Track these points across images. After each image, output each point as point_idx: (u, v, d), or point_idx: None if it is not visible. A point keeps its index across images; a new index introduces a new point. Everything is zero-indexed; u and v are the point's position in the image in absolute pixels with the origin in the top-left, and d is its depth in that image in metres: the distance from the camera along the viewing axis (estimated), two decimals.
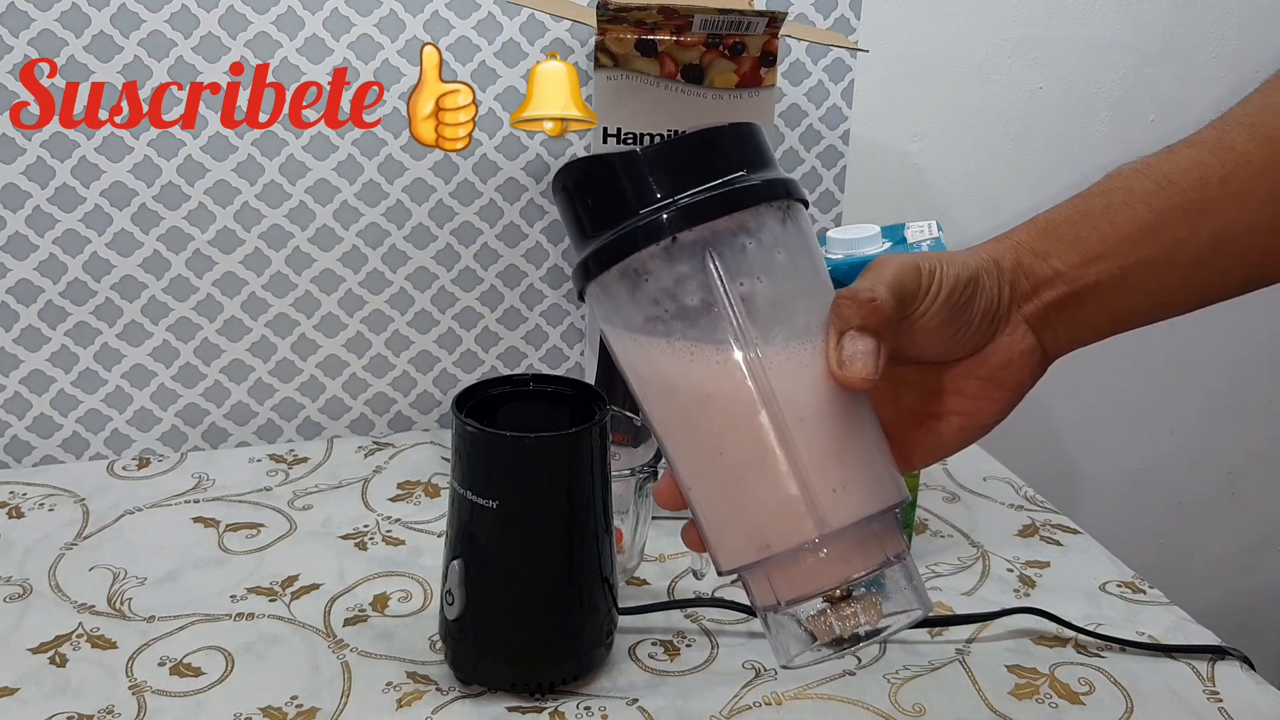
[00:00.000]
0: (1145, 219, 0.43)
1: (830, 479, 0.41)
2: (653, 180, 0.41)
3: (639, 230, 0.41)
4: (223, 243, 0.85)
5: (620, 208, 0.42)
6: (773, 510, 0.42)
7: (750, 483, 0.42)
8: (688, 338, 0.42)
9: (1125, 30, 1.04)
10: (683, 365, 0.42)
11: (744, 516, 0.42)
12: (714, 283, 0.41)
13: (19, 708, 0.59)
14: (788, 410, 0.41)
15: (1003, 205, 1.07)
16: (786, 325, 0.42)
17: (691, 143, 0.42)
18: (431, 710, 0.60)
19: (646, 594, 0.72)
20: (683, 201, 0.41)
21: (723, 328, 0.41)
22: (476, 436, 0.57)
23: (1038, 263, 0.44)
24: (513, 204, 0.90)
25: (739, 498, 0.42)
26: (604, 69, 0.74)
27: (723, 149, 0.42)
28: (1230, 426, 1.24)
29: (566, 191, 0.44)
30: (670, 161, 0.42)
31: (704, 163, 0.42)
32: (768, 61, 0.74)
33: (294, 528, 0.78)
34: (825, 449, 0.41)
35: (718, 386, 0.42)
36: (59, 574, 0.72)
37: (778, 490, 0.41)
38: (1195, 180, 0.43)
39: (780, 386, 0.41)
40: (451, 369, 0.94)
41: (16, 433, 0.86)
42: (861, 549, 0.42)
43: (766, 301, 0.42)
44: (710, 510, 0.44)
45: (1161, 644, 0.67)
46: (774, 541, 0.42)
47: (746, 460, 0.42)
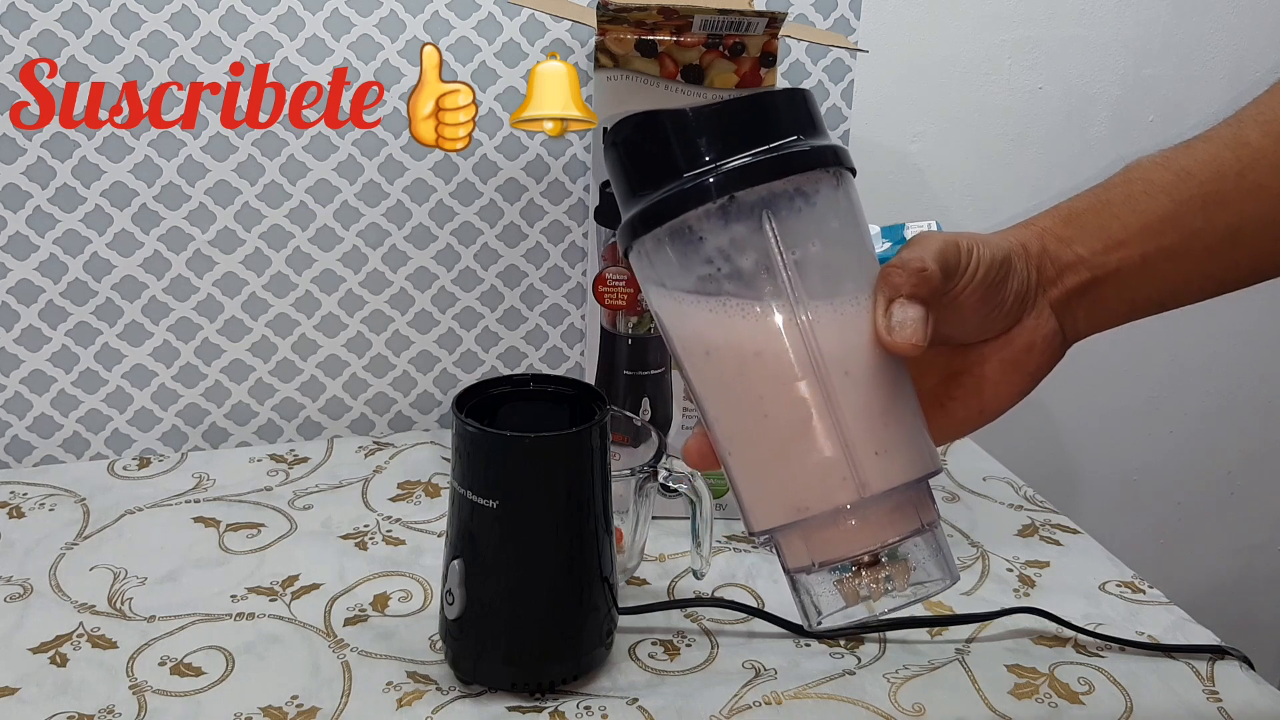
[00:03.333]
0: (1165, 208, 0.45)
1: (873, 442, 0.41)
2: (708, 140, 0.41)
3: (695, 188, 0.41)
4: (223, 243, 0.85)
5: (674, 166, 0.41)
6: (814, 472, 0.42)
7: (793, 444, 0.42)
8: (739, 297, 0.42)
9: (1125, 31, 1.04)
10: (732, 325, 0.42)
11: (784, 477, 0.42)
12: (769, 244, 0.41)
13: (19, 707, 0.60)
14: (834, 372, 0.41)
15: (1002, 205, 1.07)
16: (836, 289, 0.42)
17: (747, 105, 0.42)
18: (431, 710, 0.60)
19: (646, 594, 0.72)
20: (740, 161, 0.41)
21: (775, 288, 0.41)
22: (477, 436, 0.57)
23: (1062, 248, 0.46)
24: (513, 204, 0.90)
25: (780, 459, 0.42)
26: (604, 69, 0.74)
27: (777, 113, 0.42)
28: (1229, 426, 1.24)
29: (618, 147, 0.43)
30: (725, 122, 0.42)
31: (760, 125, 0.42)
32: (768, 62, 0.74)
33: (294, 527, 0.78)
34: (869, 412, 0.42)
35: (767, 346, 0.42)
36: (59, 574, 0.72)
37: (820, 452, 0.41)
38: (1213, 173, 0.45)
39: (828, 349, 0.41)
40: (452, 369, 0.94)
41: (17, 433, 0.86)
42: (897, 515, 0.42)
43: (818, 264, 0.42)
44: (749, 471, 0.43)
45: (1161, 644, 0.67)
46: (812, 503, 0.41)
47: (791, 421, 0.42)
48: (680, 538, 0.77)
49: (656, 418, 0.79)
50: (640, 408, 0.79)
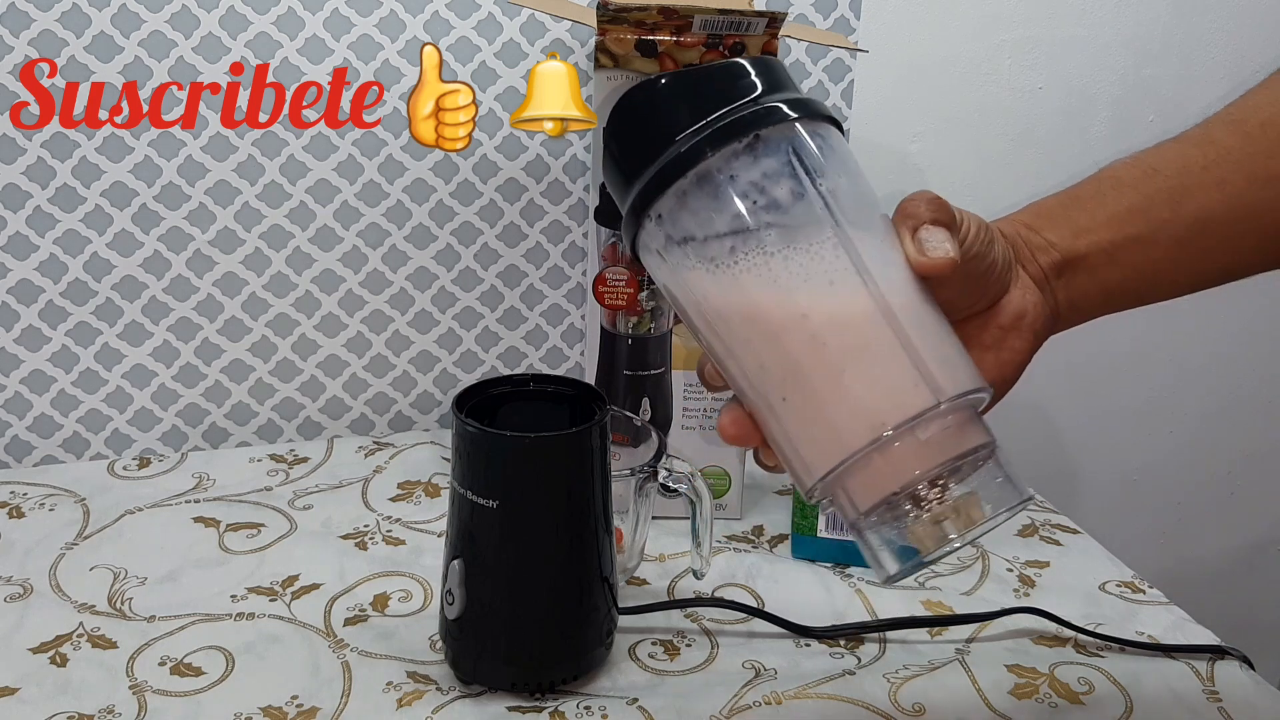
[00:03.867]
0: (1132, 201, 0.47)
1: (936, 352, 0.42)
2: (721, 91, 0.43)
3: (723, 128, 0.42)
4: (223, 243, 0.85)
5: (689, 116, 0.42)
6: (886, 386, 0.41)
7: (858, 365, 0.41)
8: (782, 233, 0.42)
9: (1125, 30, 1.04)
10: (774, 261, 0.42)
11: (854, 401, 0.41)
12: (800, 175, 0.42)
13: (19, 707, 0.60)
14: (889, 292, 0.42)
15: (1002, 205, 1.06)
16: (867, 220, 0.44)
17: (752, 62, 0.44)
18: (431, 710, 0.60)
19: (646, 594, 0.72)
20: (763, 102, 0.42)
21: (816, 217, 0.42)
22: (477, 436, 0.57)
23: (1033, 235, 0.48)
24: (513, 204, 0.90)
25: (845, 385, 0.41)
26: (604, 69, 0.74)
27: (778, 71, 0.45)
28: (1230, 426, 1.24)
29: (628, 111, 0.44)
30: (733, 75, 0.44)
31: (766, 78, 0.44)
32: None
33: (294, 527, 0.78)
34: (926, 330, 0.42)
35: (817, 270, 0.42)
36: (59, 574, 0.72)
37: (889, 364, 0.41)
38: (1179, 169, 0.47)
39: (877, 271, 0.42)
40: (452, 369, 0.94)
41: (17, 433, 0.86)
42: (968, 427, 0.42)
43: (848, 196, 0.44)
44: (809, 412, 0.42)
45: (1161, 644, 0.67)
46: (890, 417, 0.40)
47: (852, 343, 0.41)
48: (680, 538, 0.77)
49: (656, 418, 0.79)
50: (640, 408, 0.79)
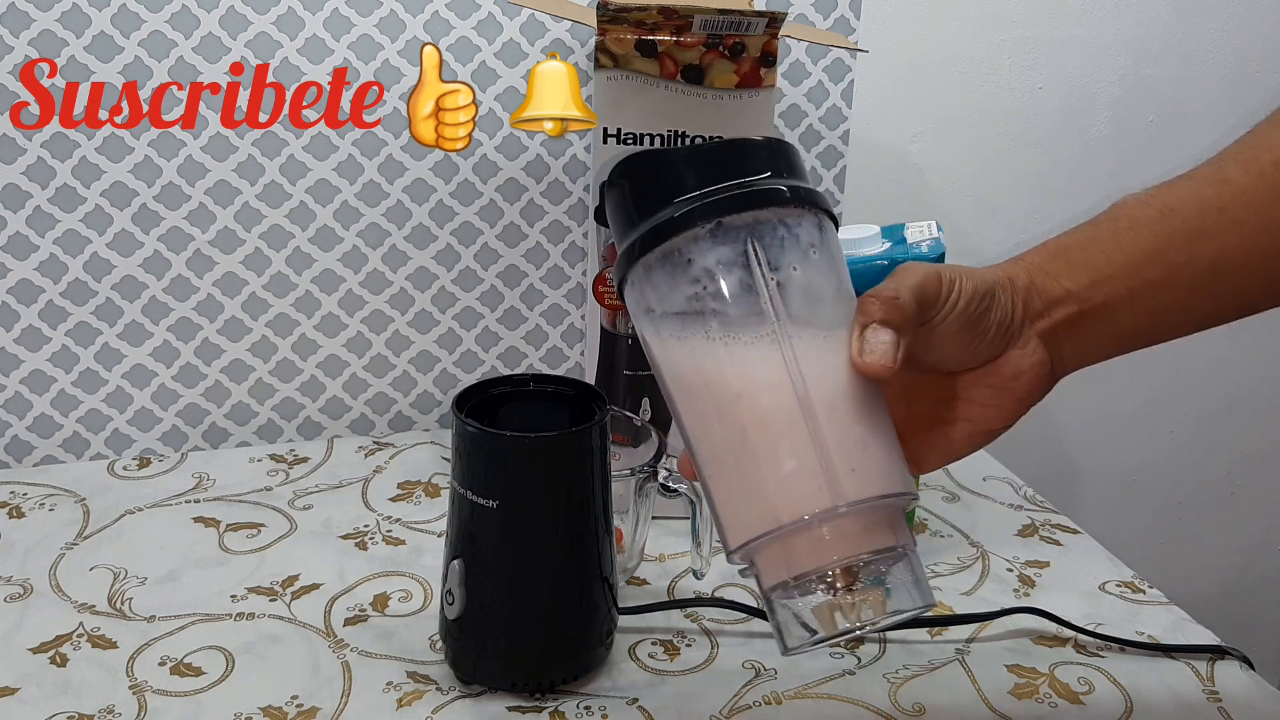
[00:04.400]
0: (1149, 243, 0.47)
1: (848, 460, 0.43)
2: (697, 173, 0.44)
3: (685, 214, 0.44)
4: (223, 243, 0.85)
5: (667, 194, 0.44)
6: (790, 482, 0.43)
7: (770, 457, 0.43)
8: (724, 321, 0.44)
9: (1125, 30, 1.04)
10: (715, 344, 0.44)
11: (761, 489, 0.44)
12: (753, 265, 0.44)
13: (19, 707, 0.60)
14: (814, 392, 0.43)
15: (1002, 205, 1.07)
16: (817, 316, 0.44)
17: (736, 145, 0.46)
18: (431, 710, 0.60)
19: (646, 594, 0.72)
20: (729, 191, 0.44)
21: (759, 310, 0.44)
22: (477, 436, 0.57)
23: (1050, 283, 0.47)
24: (513, 204, 0.90)
25: (757, 472, 0.44)
26: (604, 69, 0.74)
27: (762, 155, 0.46)
28: (1229, 426, 1.24)
29: (614, 185, 0.46)
30: (715, 158, 0.45)
31: (748, 161, 0.45)
32: (768, 62, 0.74)
33: (294, 527, 0.78)
34: (846, 432, 0.43)
35: (749, 361, 0.44)
36: (59, 574, 0.72)
37: (797, 462, 0.43)
38: (1195, 209, 0.47)
39: (809, 370, 0.43)
40: (452, 369, 0.94)
41: (17, 433, 0.86)
42: (872, 530, 0.43)
43: (799, 291, 0.44)
44: (727, 488, 0.45)
45: (1161, 644, 0.67)
46: (787, 513, 0.43)
47: (770, 436, 0.43)
48: (680, 538, 0.77)
49: (656, 417, 0.79)
50: (640, 408, 0.79)
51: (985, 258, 1.07)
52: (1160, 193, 0.48)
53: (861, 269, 0.67)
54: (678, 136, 0.75)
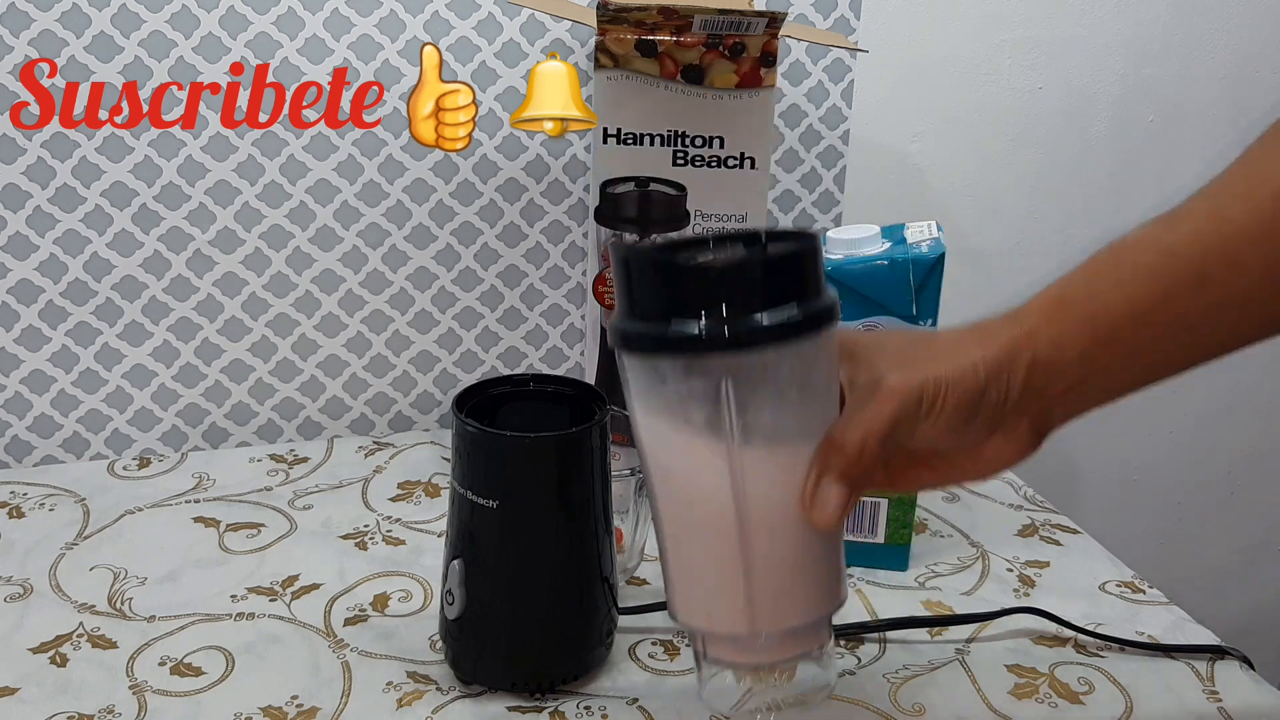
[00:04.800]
0: (1153, 292, 0.45)
1: (775, 591, 0.46)
2: (692, 294, 0.43)
3: (668, 339, 0.43)
4: (223, 243, 0.85)
5: (656, 308, 0.44)
6: (718, 599, 0.47)
7: (704, 570, 0.47)
8: (685, 433, 0.45)
9: (1125, 30, 1.04)
10: (673, 452, 0.46)
11: (695, 592, 0.48)
12: (723, 406, 0.44)
13: (19, 707, 0.60)
14: (761, 519, 0.45)
15: (1002, 205, 1.07)
16: (777, 448, 0.45)
17: (745, 264, 0.44)
18: (431, 710, 0.60)
19: (646, 594, 0.72)
20: (712, 326, 0.42)
21: (718, 439, 0.44)
22: (477, 436, 0.57)
23: (1055, 353, 0.46)
24: (513, 204, 0.90)
25: (693, 577, 0.48)
26: (604, 69, 0.74)
27: (769, 276, 0.43)
28: (1229, 426, 1.24)
29: (622, 266, 0.45)
30: (713, 279, 0.43)
31: (749, 286, 0.43)
32: (768, 62, 0.74)
33: (294, 527, 0.78)
34: (777, 561, 0.46)
35: (699, 483, 0.45)
36: (59, 574, 0.72)
37: (724, 584, 0.46)
38: (1198, 251, 0.45)
39: (754, 500, 0.45)
40: (452, 369, 0.94)
41: (17, 433, 0.86)
42: (789, 642, 0.47)
43: (766, 428, 0.44)
44: (671, 572, 0.48)
45: (1161, 644, 0.67)
46: (713, 624, 0.47)
47: (706, 550, 0.46)
48: None
49: None
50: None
51: (985, 258, 1.07)
52: (1159, 234, 0.46)
53: (861, 269, 0.67)
54: (677, 136, 0.75)
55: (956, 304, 0.69)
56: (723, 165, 0.76)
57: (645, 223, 0.76)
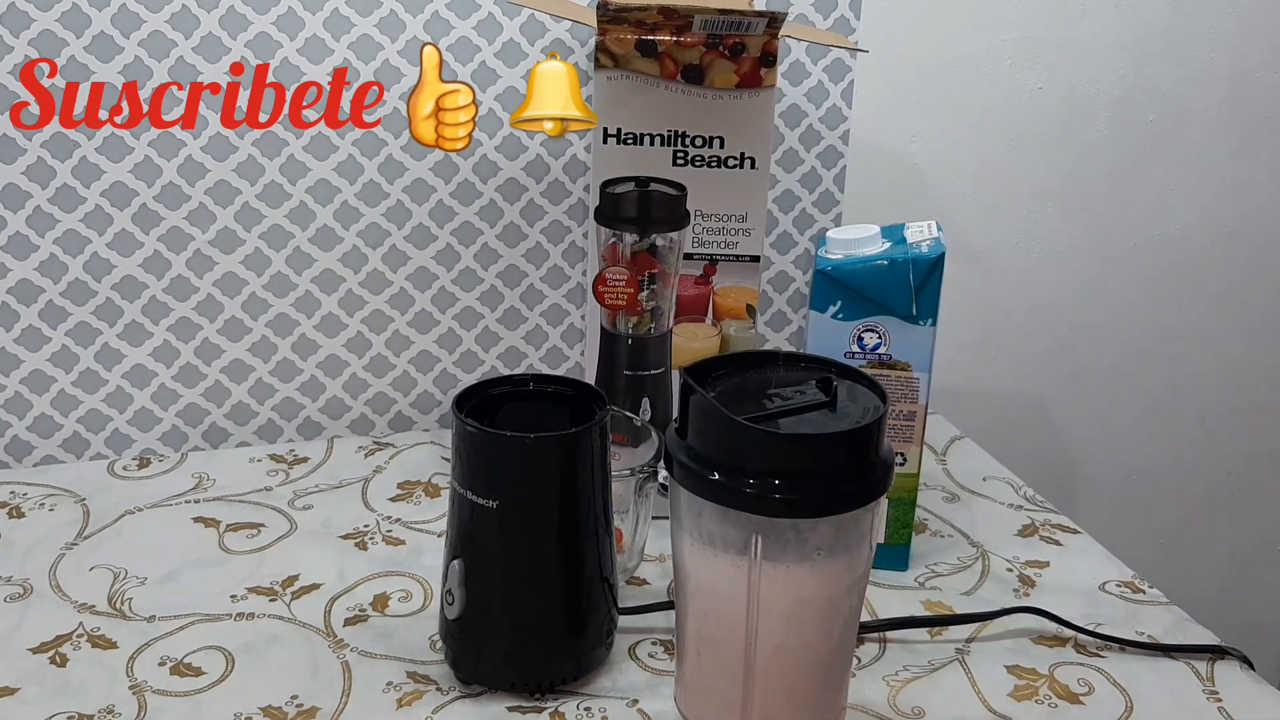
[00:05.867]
0: None
1: (770, 706, 0.52)
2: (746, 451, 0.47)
3: (710, 485, 0.48)
4: (223, 243, 0.85)
5: (703, 453, 0.49)
6: (714, 704, 0.54)
7: (709, 678, 0.54)
8: (711, 557, 0.50)
9: (1125, 31, 1.04)
10: (700, 569, 0.51)
11: (699, 695, 0.55)
12: (750, 559, 0.48)
13: (19, 707, 0.60)
14: (763, 637, 0.50)
15: (1002, 205, 1.07)
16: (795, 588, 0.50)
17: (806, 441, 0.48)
18: (431, 710, 0.60)
19: (646, 594, 0.72)
20: (755, 487, 0.47)
21: (742, 568, 0.49)
22: (477, 436, 0.57)
23: None
24: (513, 204, 0.90)
25: (702, 681, 0.55)
26: (604, 69, 0.74)
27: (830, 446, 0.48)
28: (1230, 426, 1.24)
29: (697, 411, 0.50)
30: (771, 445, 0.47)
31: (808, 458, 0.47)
32: (768, 62, 0.74)
33: (294, 528, 0.78)
34: (781, 685, 0.52)
35: (720, 601, 0.51)
36: (59, 574, 0.72)
37: (726, 690, 0.52)
38: None
39: (766, 612, 0.50)
40: (452, 369, 0.94)
41: (17, 433, 0.86)
42: None
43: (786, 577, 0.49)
44: (686, 666, 0.56)
45: (1161, 644, 0.67)
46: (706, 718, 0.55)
47: (714, 661, 0.53)
48: None
49: (656, 418, 0.79)
50: (640, 408, 0.79)
51: (985, 258, 1.07)
52: None
53: (861, 269, 0.67)
54: (678, 136, 0.75)
55: (956, 304, 0.69)
56: (723, 165, 0.76)
57: (645, 223, 0.76)
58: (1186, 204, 1.12)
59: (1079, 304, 1.13)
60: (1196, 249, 1.14)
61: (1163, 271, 1.14)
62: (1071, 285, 1.12)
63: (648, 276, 0.76)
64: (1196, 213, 1.12)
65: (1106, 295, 1.13)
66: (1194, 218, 1.13)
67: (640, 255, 0.76)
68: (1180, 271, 1.15)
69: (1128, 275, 1.13)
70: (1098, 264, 1.12)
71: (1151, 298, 1.15)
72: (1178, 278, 1.15)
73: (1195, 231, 1.13)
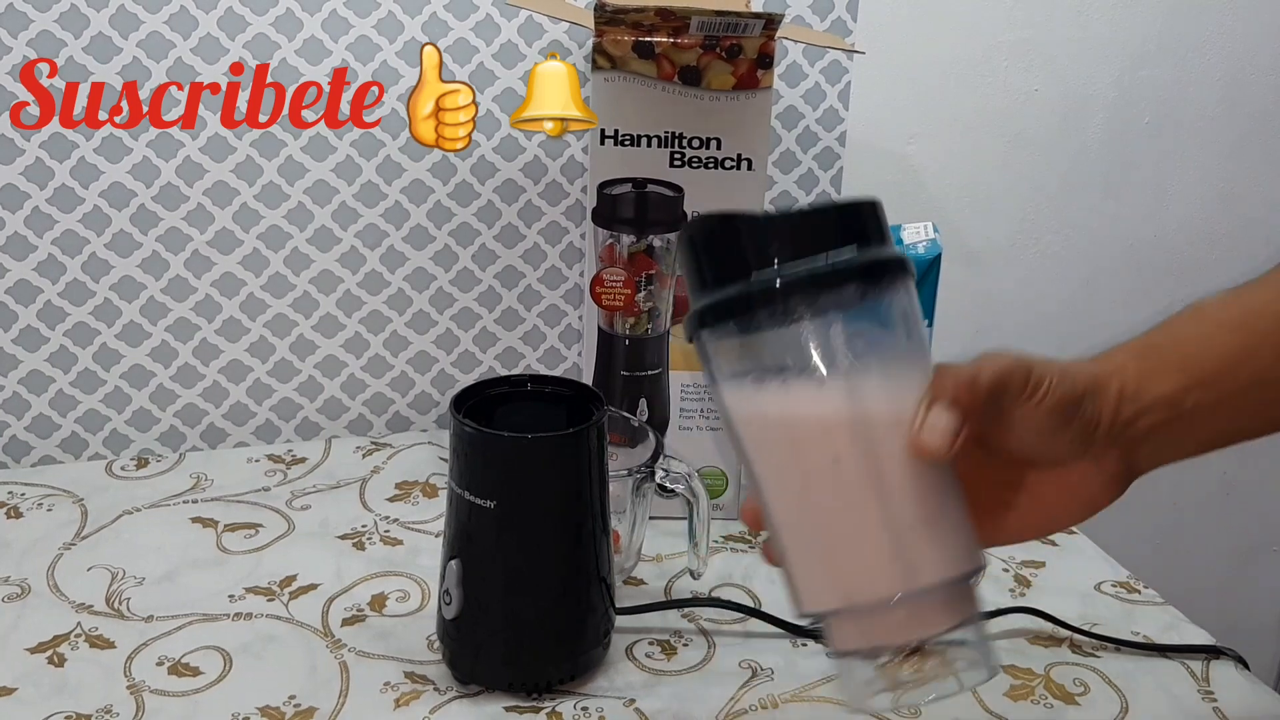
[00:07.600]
0: (1240, 344, 0.46)
1: (920, 538, 0.43)
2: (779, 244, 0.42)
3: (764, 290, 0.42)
4: (221, 243, 0.85)
5: (744, 266, 0.43)
6: (861, 563, 0.43)
7: (843, 533, 0.43)
8: (799, 389, 0.43)
9: (1121, 32, 1.04)
10: (791, 414, 0.43)
11: (833, 565, 0.44)
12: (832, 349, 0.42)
13: (17, 707, 0.60)
14: (888, 468, 0.42)
15: (999, 207, 1.07)
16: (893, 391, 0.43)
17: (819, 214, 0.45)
18: (429, 710, 0.60)
19: (644, 594, 0.72)
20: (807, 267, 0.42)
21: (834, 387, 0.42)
22: (474, 437, 0.57)
23: (1143, 386, 0.46)
24: (511, 205, 0.90)
25: (830, 547, 0.44)
26: (601, 71, 0.74)
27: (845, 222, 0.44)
28: None
29: (692, 243, 0.45)
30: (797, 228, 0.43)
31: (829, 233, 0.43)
32: (765, 63, 0.74)
33: (292, 528, 0.78)
34: (919, 508, 0.43)
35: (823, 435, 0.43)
36: (57, 574, 0.72)
37: (868, 543, 0.43)
38: (1274, 323, 0.47)
39: (884, 444, 0.42)
40: (449, 369, 0.94)
41: (15, 433, 0.86)
42: (943, 609, 0.43)
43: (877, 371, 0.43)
44: (798, 556, 0.45)
45: (1156, 644, 0.68)
46: (858, 594, 0.43)
47: (842, 510, 0.43)
48: (677, 538, 0.77)
49: (654, 418, 0.79)
50: (638, 408, 0.79)
51: (981, 258, 1.08)
52: (1240, 294, 0.48)
53: None
54: (675, 138, 0.75)
55: (953, 304, 0.69)
56: (720, 166, 0.76)
57: (642, 224, 0.76)
58: (1182, 205, 1.12)
59: (1075, 304, 1.13)
60: (1192, 250, 1.14)
61: (1158, 272, 1.14)
62: (1068, 286, 1.12)
63: (645, 277, 0.76)
64: (1192, 214, 1.13)
65: (1103, 296, 1.14)
66: (1190, 219, 1.13)
67: (638, 256, 0.76)
68: (1176, 272, 1.15)
69: (1124, 276, 1.14)
70: (1094, 265, 1.12)
71: (1147, 298, 1.15)
72: (1174, 278, 1.15)
73: (1191, 232, 1.14)
